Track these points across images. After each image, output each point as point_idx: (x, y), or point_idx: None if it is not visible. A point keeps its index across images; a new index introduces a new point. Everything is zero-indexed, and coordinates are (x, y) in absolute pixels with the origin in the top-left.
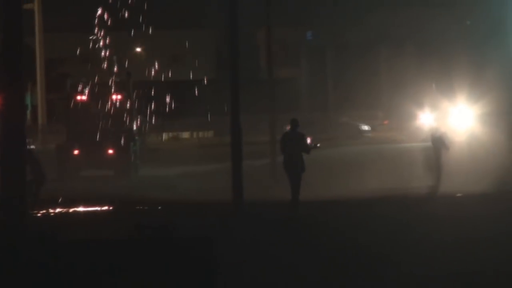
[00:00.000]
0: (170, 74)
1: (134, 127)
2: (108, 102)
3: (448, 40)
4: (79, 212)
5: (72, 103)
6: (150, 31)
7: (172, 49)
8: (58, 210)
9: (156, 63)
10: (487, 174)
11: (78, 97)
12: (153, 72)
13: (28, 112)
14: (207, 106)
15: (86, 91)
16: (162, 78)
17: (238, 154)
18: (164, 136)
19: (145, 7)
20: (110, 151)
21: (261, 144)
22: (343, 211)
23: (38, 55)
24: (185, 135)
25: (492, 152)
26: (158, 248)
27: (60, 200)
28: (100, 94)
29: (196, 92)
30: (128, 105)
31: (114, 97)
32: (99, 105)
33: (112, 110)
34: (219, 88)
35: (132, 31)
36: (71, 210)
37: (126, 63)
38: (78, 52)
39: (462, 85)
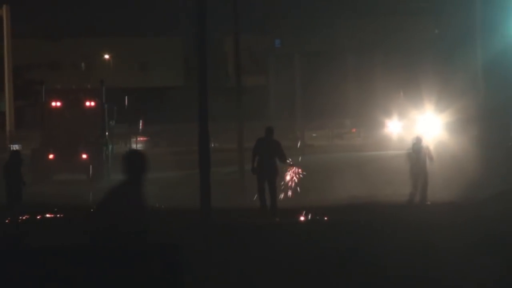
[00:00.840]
0: (138, 81)
1: (106, 133)
2: (81, 108)
3: (416, 49)
4: (48, 218)
5: (47, 109)
6: (118, 38)
7: (140, 57)
8: (25, 215)
9: (124, 70)
10: (454, 182)
11: (53, 104)
12: (121, 80)
13: None
14: (175, 113)
15: (61, 98)
16: (130, 86)
17: (206, 161)
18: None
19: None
20: (84, 156)
21: (229, 151)
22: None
23: (6, 61)
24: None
25: (459, 160)
26: (123, 255)
27: (30, 205)
28: (74, 101)
29: (165, 99)
30: (100, 111)
31: (87, 103)
32: (73, 112)
33: (85, 116)
34: (187, 96)
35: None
36: (38, 216)
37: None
38: (45, 58)
39: (430, 93)
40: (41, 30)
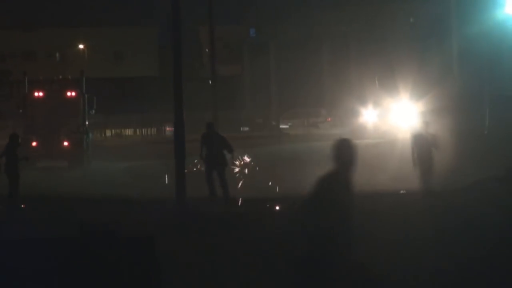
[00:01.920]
0: (112, 71)
1: (86, 122)
2: (63, 98)
3: (391, 38)
4: (22, 208)
5: (29, 99)
6: (93, 28)
7: (114, 46)
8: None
9: (99, 60)
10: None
11: (35, 94)
12: (95, 69)
13: None
14: (150, 103)
15: (43, 88)
16: (105, 75)
17: (181, 151)
18: (108, 133)
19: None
20: (65, 144)
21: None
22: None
23: None
24: (128, 132)
25: (434, 149)
26: (98, 246)
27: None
28: (55, 91)
29: (139, 89)
30: (81, 101)
31: (68, 93)
32: (55, 101)
33: (66, 106)
34: (161, 85)
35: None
36: (13, 205)
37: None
38: (19, 49)
39: (405, 82)
40: (15, 21)
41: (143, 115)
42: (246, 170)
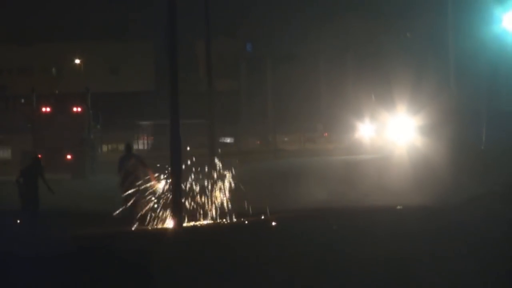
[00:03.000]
0: (109, 85)
1: (92, 136)
2: (69, 113)
3: (388, 52)
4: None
5: (37, 114)
6: (89, 43)
7: (110, 61)
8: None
9: (95, 75)
10: (427, 186)
11: (43, 109)
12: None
13: None
14: (146, 116)
15: (50, 103)
16: (101, 90)
17: (177, 166)
18: (104, 148)
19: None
20: (69, 157)
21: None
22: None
23: None
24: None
25: (432, 164)
26: (96, 260)
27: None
28: (62, 106)
29: (135, 103)
30: (86, 116)
31: (75, 109)
32: (62, 116)
33: (73, 120)
34: (157, 100)
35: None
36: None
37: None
38: (15, 63)
39: (402, 96)
40: (11, 35)
41: (139, 129)
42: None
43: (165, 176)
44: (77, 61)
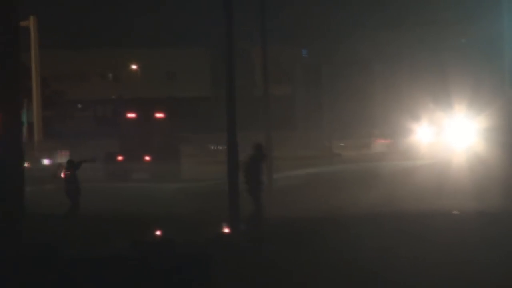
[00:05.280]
0: (166, 91)
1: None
2: (151, 119)
3: (443, 57)
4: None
5: (122, 119)
6: (145, 49)
7: (167, 66)
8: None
9: (152, 81)
10: (487, 191)
11: (128, 114)
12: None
13: (24, 129)
14: (203, 123)
15: (133, 109)
16: (158, 96)
17: (234, 171)
18: None
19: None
20: (148, 159)
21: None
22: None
23: (34, 72)
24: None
25: (492, 168)
26: (154, 264)
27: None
28: (144, 112)
29: (194, 109)
30: (167, 121)
31: (157, 115)
32: (144, 121)
33: (156, 126)
34: (213, 105)
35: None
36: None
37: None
38: (72, 69)
39: (460, 101)
40: (68, 41)
41: (197, 135)
42: None
43: None
44: (134, 66)
